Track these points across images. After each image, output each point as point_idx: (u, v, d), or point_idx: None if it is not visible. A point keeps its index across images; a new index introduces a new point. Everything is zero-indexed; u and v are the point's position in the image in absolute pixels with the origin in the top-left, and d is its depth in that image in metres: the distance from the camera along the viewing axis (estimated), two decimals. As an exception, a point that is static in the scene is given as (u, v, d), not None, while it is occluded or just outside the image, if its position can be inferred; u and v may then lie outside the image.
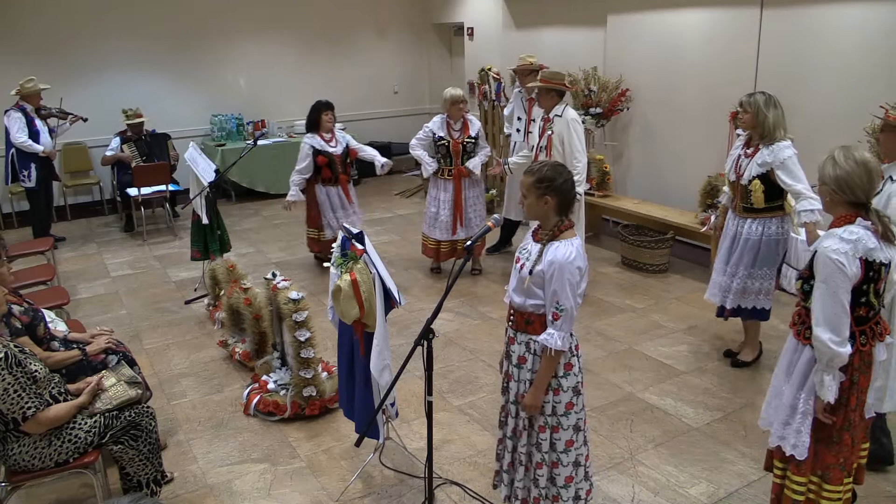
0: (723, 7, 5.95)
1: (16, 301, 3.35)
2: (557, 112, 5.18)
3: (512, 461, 2.88)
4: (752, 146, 4.00)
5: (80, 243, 7.40)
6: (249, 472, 3.49)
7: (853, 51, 5.06)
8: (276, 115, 9.36)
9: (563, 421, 2.71)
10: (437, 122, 5.77)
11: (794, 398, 2.60)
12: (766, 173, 3.89)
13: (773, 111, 3.85)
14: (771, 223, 4.01)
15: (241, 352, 4.47)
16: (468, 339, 4.92)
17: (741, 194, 4.05)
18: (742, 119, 4.03)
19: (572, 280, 2.54)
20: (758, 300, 4.16)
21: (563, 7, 7.74)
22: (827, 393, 2.47)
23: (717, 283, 4.29)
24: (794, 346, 2.65)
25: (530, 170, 2.69)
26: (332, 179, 5.98)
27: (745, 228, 4.07)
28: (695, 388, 4.18)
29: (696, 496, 3.22)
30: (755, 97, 3.90)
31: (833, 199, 2.54)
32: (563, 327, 2.56)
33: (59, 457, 2.84)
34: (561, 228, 2.62)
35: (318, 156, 5.89)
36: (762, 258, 4.07)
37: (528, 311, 2.67)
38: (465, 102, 5.64)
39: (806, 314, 2.56)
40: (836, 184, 2.50)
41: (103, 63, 8.26)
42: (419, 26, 10.35)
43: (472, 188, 5.89)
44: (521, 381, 2.75)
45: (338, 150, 5.97)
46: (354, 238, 3.19)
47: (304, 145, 5.92)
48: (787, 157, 3.81)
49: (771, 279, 4.11)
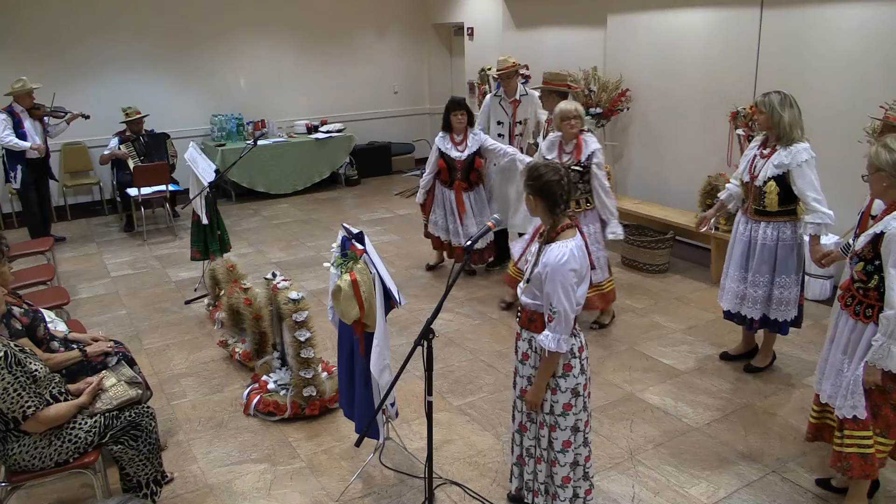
0: (723, 7, 5.95)
1: (15, 302, 3.35)
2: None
3: (521, 454, 2.93)
4: (768, 147, 3.87)
5: (80, 243, 7.40)
6: (249, 472, 3.49)
7: (853, 51, 5.06)
8: (276, 115, 9.36)
9: (560, 421, 2.73)
10: (549, 141, 4.77)
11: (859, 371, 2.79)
12: (782, 175, 3.77)
13: (788, 111, 3.72)
14: (785, 227, 3.89)
15: (241, 352, 4.47)
16: (468, 339, 4.92)
17: (754, 196, 3.91)
18: (757, 120, 3.93)
19: (565, 283, 2.53)
20: (780, 311, 4.00)
21: (563, 7, 7.74)
22: (892, 363, 2.63)
23: (734, 291, 4.11)
24: (853, 326, 2.82)
25: (525, 168, 2.72)
26: (448, 183, 5.78)
27: (759, 233, 3.94)
28: (695, 388, 4.18)
29: (696, 496, 3.22)
30: (770, 97, 3.78)
31: (890, 184, 2.68)
32: (557, 329, 2.57)
33: (59, 457, 2.84)
34: (558, 229, 2.62)
35: (441, 158, 5.70)
36: (780, 265, 3.92)
37: (531, 309, 2.71)
38: (578, 118, 4.52)
39: (863, 294, 2.75)
40: (895, 168, 2.64)
41: (103, 63, 8.26)
42: (419, 26, 10.35)
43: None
44: (524, 376, 2.82)
45: (462, 156, 5.63)
46: (354, 238, 3.19)
47: (434, 145, 5.82)
48: (805, 160, 3.70)
49: (792, 288, 3.96)
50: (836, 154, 4.87)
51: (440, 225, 5.92)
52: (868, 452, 2.81)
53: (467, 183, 5.73)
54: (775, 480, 3.31)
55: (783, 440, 3.63)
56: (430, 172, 5.83)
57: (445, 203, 5.83)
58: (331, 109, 9.79)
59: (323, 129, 9.31)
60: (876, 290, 2.72)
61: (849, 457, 2.84)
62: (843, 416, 2.83)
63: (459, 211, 5.77)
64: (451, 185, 5.75)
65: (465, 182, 5.72)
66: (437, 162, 5.73)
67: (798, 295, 4.02)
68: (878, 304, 2.71)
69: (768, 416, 3.86)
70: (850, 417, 2.80)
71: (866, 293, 2.74)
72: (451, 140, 5.68)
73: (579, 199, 4.66)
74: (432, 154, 5.80)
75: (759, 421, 3.81)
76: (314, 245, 7.12)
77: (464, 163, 5.64)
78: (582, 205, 4.67)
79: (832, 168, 4.69)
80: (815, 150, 3.79)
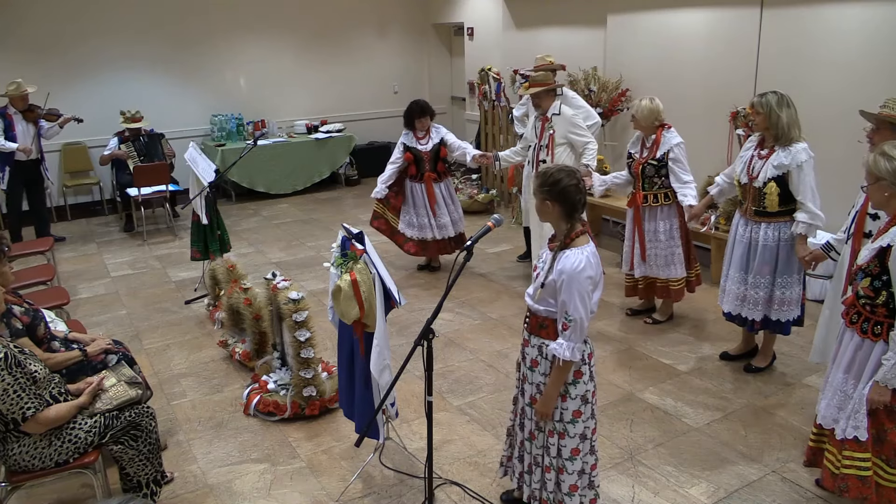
0: (723, 7, 5.95)
1: (16, 301, 3.35)
2: (555, 110, 5.20)
3: (530, 462, 2.87)
4: (766, 147, 3.86)
5: (80, 243, 7.40)
6: (249, 472, 3.49)
7: (853, 51, 5.06)
8: (275, 115, 9.36)
9: (569, 428, 2.70)
10: (632, 139, 4.85)
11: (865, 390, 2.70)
12: (781, 175, 3.77)
13: (786, 111, 3.72)
14: (786, 227, 3.87)
15: (241, 352, 4.47)
16: (468, 339, 4.92)
17: (753, 197, 3.90)
18: (754, 121, 3.91)
19: (581, 290, 2.50)
20: (782, 311, 4.00)
21: (563, 7, 7.74)
22: None
23: (735, 293, 4.10)
24: (858, 344, 2.70)
25: (538, 173, 2.67)
26: (417, 177, 5.92)
27: (760, 235, 3.92)
28: (695, 388, 4.18)
29: (696, 496, 3.22)
30: (767, 97, 3.77)
31: (892, 193, 2.60)
32: (572, 337, 2.54)
33: (59, 457, 2.84)
34: (572, 236, 2.57)
35: (406, 152, 5.86)
36: (782, 265, 3.92)
37: (541, 316, 2.66)
38: (634, 119, 4.64)
39: (871, 311, 2.61)
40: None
41: (103, 63, 8.26)
42: (419, 26, 10.35)
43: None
44: (533, 383, 2.76)
45: (427, 147, 5.83)
46: (354, 238, 3.19)
47: (399, 142, 5.96)
48: (804, 160, 3.70)
49: (794, 287, 3.96)
50: (836, 154, 4.87)
51: (415, 224, 5.99)
52: (866, 475, 2.72)
53: (436, 174, 5.89)
54: (775, 480, 3.31)
55: (783, 440, 3.62)
56: (393, 163, 5.93)
57: (416, 198, 5.94)
58: (331, 109, 9.79)
59: (323, 129, 9.32)
60: (884, 307, 2.61)
61: (846, 478, 2.76)
62: (845, 436, 2.75)
63: (430, 203, 5.86)
64: (420, 178, 5.88)
65: (434, 173, 5.88)
66: (403, 156, 5.87)
67: (800, 294, 4.02)
68: (886, 321, 2.61)
69: (768, 416, 3.86)
70: (851, 438, 2.71)
71: (874, 310, 2.62)
72: (414, 136, 5.87)
73: (657, 194, 4.65)
74: (397, 150, 5.94)
75: (759, 421, 3.81)
76: (314, 245, 7.13)
77: (430, 153, 5.82)
78: (660, 199, 4.66)
79: (832, 168, 4.68)
80: (815, 149, 3.78)
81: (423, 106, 5.85)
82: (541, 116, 5.27)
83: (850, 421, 2.71)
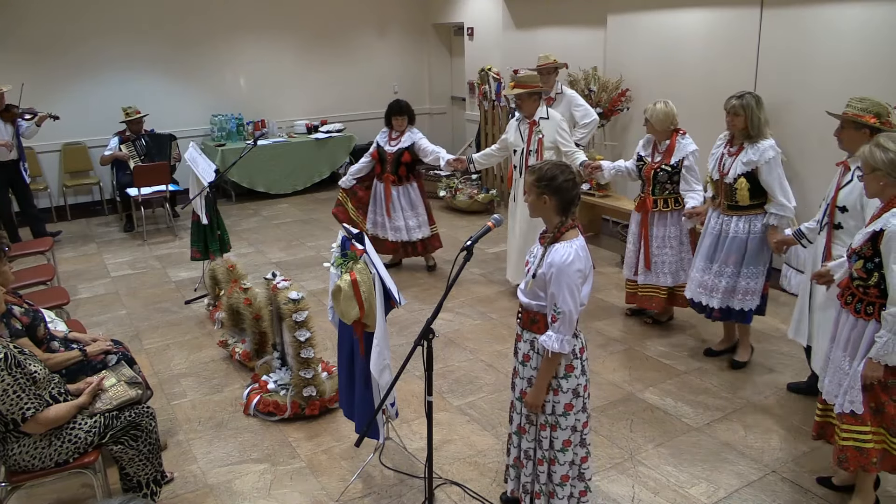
0: (723, 7, 5.95)
1: (15, 301, 3.35)
2: (542, 114, 5.14)
3: (518, 456, 2.92)
4: (735, 145, 4.05)
5: (80, 243, 7.40)
6: (249, 472, 3.49)
7: (853, 51, 5.05)
8: (275, 115, 9.36)
9: (561, 421, 2.73)
10: (646, 138, 4.74)
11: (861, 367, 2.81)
12: (751, 171, 3.94)
13: (763, 111, 3.94)
14: (756, 220, 4.04)
15: (241, 352, 4.47)
16: (468, 339, 4.92)
17: (725, 192, 4.08)
18: (733, 122, 4.00)
19: (570, 283, 2.54)
20: (745, 300, 4.16)
21: (563, 7, 7.74)
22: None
23: (698, 280, 4.29)
24: (853, 324, 2.83)
25: (531, 168, 2.69)
26: (380, 176, 5.98)
27: (731, 227, 4.10)
28: (695, 388, 4.18)
29: (696, 496, 3.22)
30: (747, 99, 3.93)
31: (888, 183, 2.71)
32: (561, 330, 2.57)
33: (59, 457, 2.84)
34: (562, 230, 2.61)
35: (375, 150, 5.96)
36: (749, 257, 4.09)
37: (533, 310, 2.69)
38: (647, 122, 4.58)
39: (863, 292, 2.76)
40: (891, 166, 2.68)
41: (103, 63, 8.25)
42: (419, 26, 10.35)
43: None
44: (524, 377, 2.80)
45: (392, 150, 5.85)
46: (354, 238, 3.20)
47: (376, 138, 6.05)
48: (772, 156, 3.90)
49: (758, 278, 4.13)
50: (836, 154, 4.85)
51: (372, 220, 6.07)
52: (866, 448, 2.83)
53: (396, 177, 5.89)
54: (775, 480, 3.31)
55: (783, 440, 3.63)
56: (364, 157, 6.01)
57: (377, 196, 6.03)
58: (331, 109, 9.79)
59: (323, 129, 9.31)
60: (876, 288, 2.74)
61: (845, 450, 2.87)
62: (842, 410, 2.86)
63: (386, 203, 5.90)
64: (382, 177, 5.96)
65: (394, 175, 5.88)
66: (371, 153, 5.95)
67: (763, 285, 4.17)
68: (878, 302, 2.74)
69: (768, 415, 3.86)
70: (848, 412, 2.83)
71: (866, 291, 2.76)
72: (388, 135, 5.92)
73: (668, 199, 4.60)
74: (372, 146, 6.01)
75: (759, 421, 3.81)
76: (314, 245, 7.13)
77: (393, 155, 5.84)
78: (671, 204, 4.61)
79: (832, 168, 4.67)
80: (815, 149, 3.80)
81: (402, 106, 5.89)
82: (528, 121, 5.17)
83: (847, 396, 2.84)
